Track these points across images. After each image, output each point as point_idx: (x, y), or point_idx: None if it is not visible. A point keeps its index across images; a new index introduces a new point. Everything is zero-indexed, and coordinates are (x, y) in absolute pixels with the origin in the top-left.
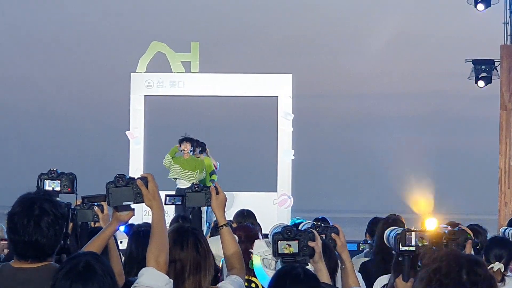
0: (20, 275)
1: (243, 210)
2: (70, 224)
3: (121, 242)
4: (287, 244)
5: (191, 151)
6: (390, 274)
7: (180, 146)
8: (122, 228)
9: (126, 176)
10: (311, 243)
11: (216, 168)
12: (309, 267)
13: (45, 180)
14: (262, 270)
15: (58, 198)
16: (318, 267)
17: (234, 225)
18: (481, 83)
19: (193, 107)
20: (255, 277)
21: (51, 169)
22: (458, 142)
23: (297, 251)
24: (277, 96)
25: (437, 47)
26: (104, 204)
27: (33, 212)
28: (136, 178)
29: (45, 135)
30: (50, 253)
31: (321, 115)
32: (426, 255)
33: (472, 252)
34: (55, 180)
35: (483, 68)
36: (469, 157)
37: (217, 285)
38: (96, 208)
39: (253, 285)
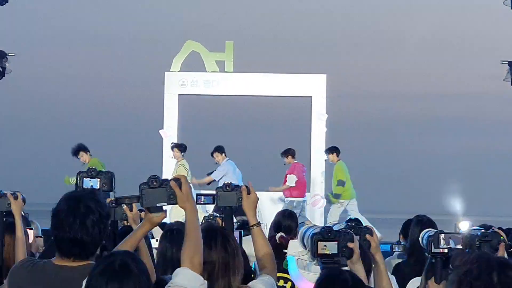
0: (62, 272)
1: (286, 210)
2: None
3: (156, 240)
4: (326, 245)
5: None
6: (422, 276)
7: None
8: None
9: (160, 177)
10: (350, 244)
11: None
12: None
13: (84, 178)
14: (296, 271)
15: None
16: (356, 268)
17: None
18: None
19: (227, 107)
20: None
21: (90, 167)
22: (493, 144)
23: (336, 252)
24: (311, 97)
25: (473, 48)
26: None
27: (79, 210)
28: (169, 179)
29: (78, 133)
30: (93, 252)
31: (355, 116)
32: (457, 258)
33: (506, 255)
34: (94, 178)
35: None
36: (504, 158)
37: (247, 284)
38: (125, 206)
39: (288, 284)
